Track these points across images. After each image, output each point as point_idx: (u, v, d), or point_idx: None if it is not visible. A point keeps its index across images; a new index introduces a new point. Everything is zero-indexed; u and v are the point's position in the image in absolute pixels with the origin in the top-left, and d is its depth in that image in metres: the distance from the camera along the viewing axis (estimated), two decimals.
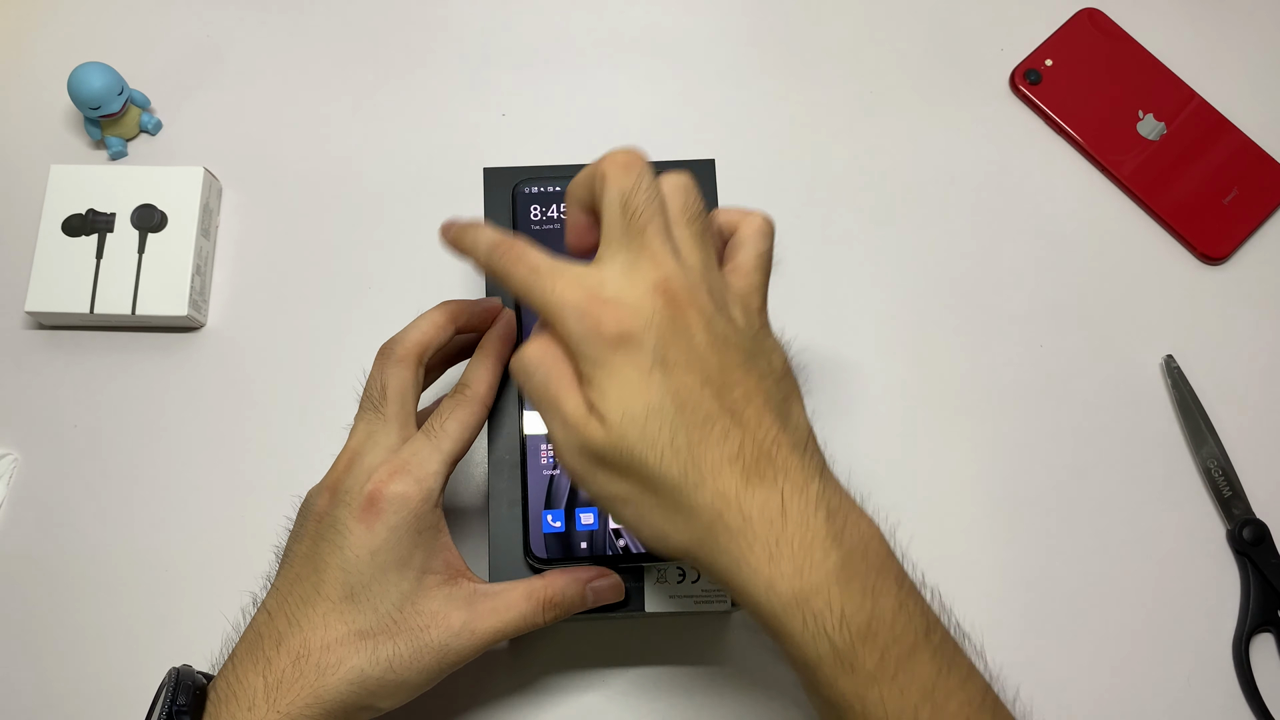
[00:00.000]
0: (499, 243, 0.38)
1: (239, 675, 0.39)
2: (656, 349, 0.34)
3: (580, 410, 0.35)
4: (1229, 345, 0.57)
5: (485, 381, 0.44)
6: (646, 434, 0.34)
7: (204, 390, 0.55)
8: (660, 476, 0.34)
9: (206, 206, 0.57)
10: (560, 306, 0.35)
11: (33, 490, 0.54)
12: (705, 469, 0.34)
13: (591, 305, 0.34)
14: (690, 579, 0.45)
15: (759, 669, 0.51)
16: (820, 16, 0.64)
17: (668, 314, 0.34)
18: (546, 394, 0.36)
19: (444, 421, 0.42)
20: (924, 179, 0.60)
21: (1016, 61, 0.63)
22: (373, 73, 0.62)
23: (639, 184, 0.36)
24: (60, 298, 0.54)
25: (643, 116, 0.61)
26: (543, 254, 0.37)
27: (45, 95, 0.61)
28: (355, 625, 0.39)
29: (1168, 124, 0.61)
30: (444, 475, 0.41)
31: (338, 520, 0.40)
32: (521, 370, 0.37)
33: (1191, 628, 0.52)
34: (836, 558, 0.33)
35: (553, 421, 0.36)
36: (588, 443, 0.35)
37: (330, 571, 0.39)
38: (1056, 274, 0.58)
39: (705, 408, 0.34)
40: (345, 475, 0.41)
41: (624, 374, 0.34)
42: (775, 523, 0.33)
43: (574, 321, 0.35)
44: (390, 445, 0.42)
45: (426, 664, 0.40)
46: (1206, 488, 0.54)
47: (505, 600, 0.41)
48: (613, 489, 0.35)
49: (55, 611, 0.52)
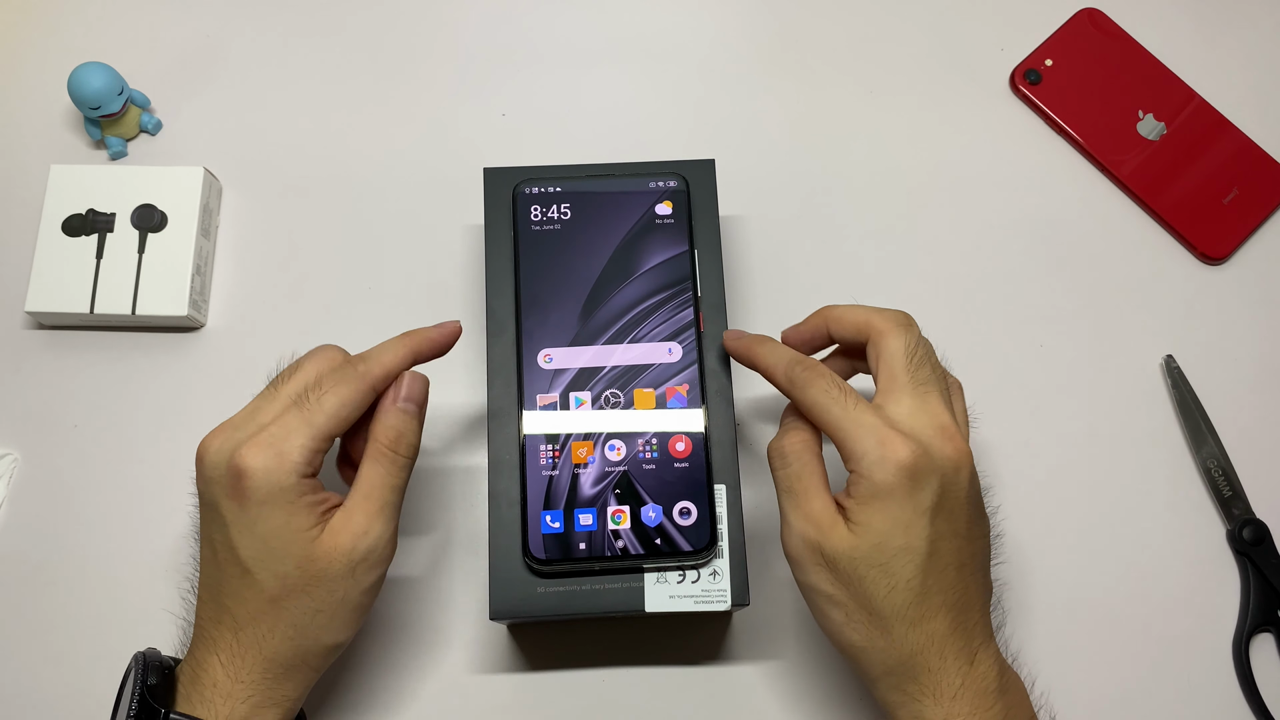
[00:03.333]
0: (802, 359, 0.43)
1: (198, 658, 0.41)
2: (939, 495, 0.38)
3: (828, 511, 0.40)
4: (1229, 345, 0.57)
5: (385, 365, 0.42)
6: (891, 565, 0.38)
7: (204, 390, 0.55)
8: (882, 603, 0.38)
9: (206, 206, 0.57)
10: (857, 424, 0.39)
11: (33, 490, 0.54)
12: (927, 610, 0.38)
13: (889, 433, 0.38)
14: (690, 579, 0.45)
15: (759, 669, 0.51)
16: (820, 17, 0.64)
17: (953, 461, 0.39)
18: (799, 484, 0.41)
19: (321, 395, 0.40)
20: (924, 179, 0.60)
21: (1016, 61, 0.63)
22: (373, 73, 0.62)
23: (920, 341, 0.42)
24: (60, 298, 0.54)
25: (643, 116, 0.61)
26: (839, 376, 0.41)
27: (45, 95, 0.61)
28: (265, 594, 0.39)
29: (1168, 124, 0.61)
30: (311, 450, 0.39)
31: (214, 499, 0.40)
32: (779, 455, 0.42)
33: (1191, 628, 0.52)
34: (1003, 706, 0.39)
35: (794, 511, 0.41)
36: (824, 544, 0.39)
37: (222, 551, 0.40)
38: (1056, 274, 0.58)
39: (947, 558, 0.39)
40: (208, 444, 0.40)
41: (900, 506, 0.38)
42: (964, 668, 0.39)
43: (871, 442, 0.38)
44: (262, 421, 0.40)
45: (347, 592, 0.40)
46: (1206, 488, 0.54)
47: (365, 482, 0.41)
48: (828, 589, 0.40)
49: (55, 611, 0.52)
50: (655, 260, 0.48)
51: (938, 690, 0.38)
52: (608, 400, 0.46)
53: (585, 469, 0.45)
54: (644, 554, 0.44)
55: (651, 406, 0.46)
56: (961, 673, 0.39)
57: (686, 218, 0.49)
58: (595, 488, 0.45)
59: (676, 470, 0.45)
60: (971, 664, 0.39)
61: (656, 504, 0.45)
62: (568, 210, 0.49)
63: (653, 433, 0.46)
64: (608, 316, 0.48)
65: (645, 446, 0.46)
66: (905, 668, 0.39)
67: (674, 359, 0.47)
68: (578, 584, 0.45)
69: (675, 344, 0.47)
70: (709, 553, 0.45)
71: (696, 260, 0.49)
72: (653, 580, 0.45)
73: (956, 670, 0.39)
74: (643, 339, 0.47)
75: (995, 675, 0.39)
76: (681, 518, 0.45)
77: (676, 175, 0.50)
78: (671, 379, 0.47)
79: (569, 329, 0.47)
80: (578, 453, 0.46)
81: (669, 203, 0.50)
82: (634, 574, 0.45)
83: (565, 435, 0.46)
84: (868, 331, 0.42)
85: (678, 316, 0.48)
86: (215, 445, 0.40)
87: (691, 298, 0.48)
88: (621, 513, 0.45)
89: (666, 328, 0.47)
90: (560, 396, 0.46)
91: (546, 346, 0.47)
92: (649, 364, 0.47)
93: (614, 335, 0.47)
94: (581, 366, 0.47)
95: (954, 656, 0.39)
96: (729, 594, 0.45)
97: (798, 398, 0.42)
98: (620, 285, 0.48)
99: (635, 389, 0.46)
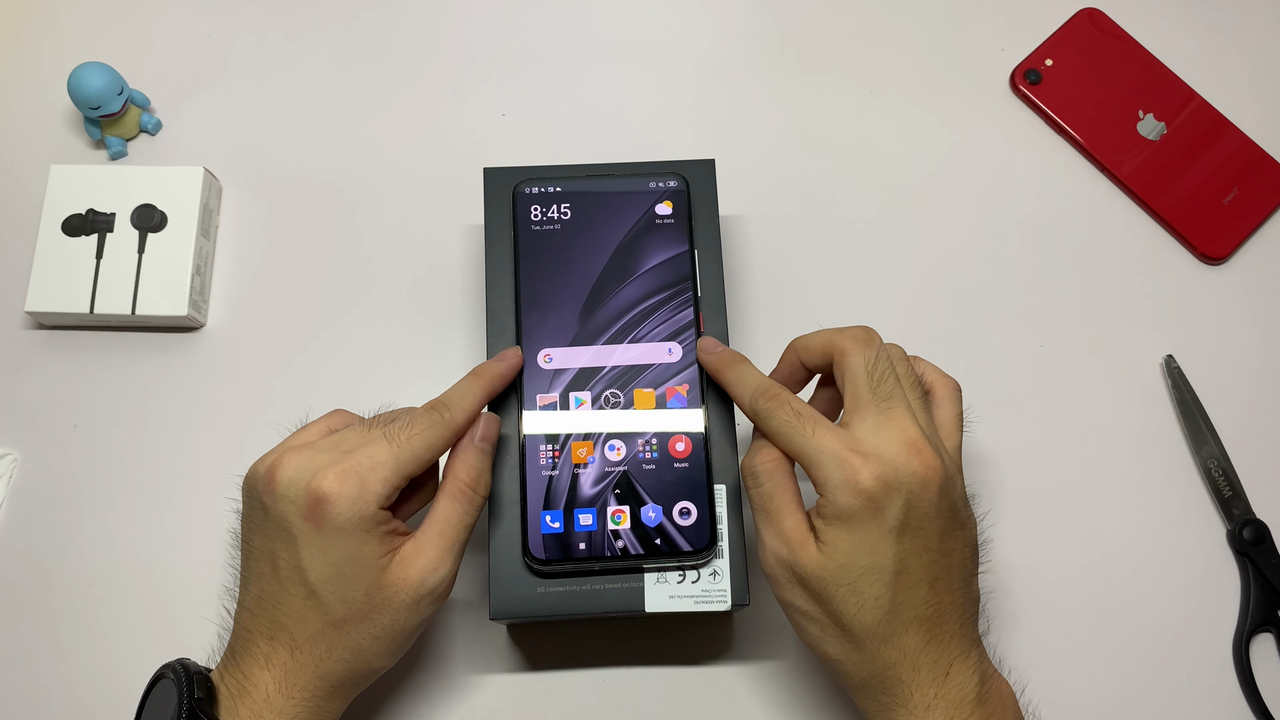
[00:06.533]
0: (766, 389, 0.42)
1: (244, 671, 0.40)
2: (904, 514, 0.38)
3: (800, 530, 0.40)
4: (1229, 345, 0.57)
5: (467, 411, 0.43)
6: (858, 584, 0.38)
7: (204, 390, 0.55)
8: (852, 619, 0.39)
9: (206, 206, 0.57)
10: (819, 451, 0.39)
11: (33, 490, 0.54)
12: (897, 625, 0.39)
13: (850, 456, 0.38)
14: (690, 579, 0.45)
15: (759, 669, 0.51)
16: (820, 17, 0.64)
17: (919, 477, 0.38)
18: (771, 504, 0.41)
19: (412, 436, 0.41)
20: (924, 179, 0.60)
21: (1016, 61, 0.63)
22: (373, 73, 0.62)
23: (879, 355, 0.41)
24: (60, 298, 0.54)
25: (643, 116, 0.61)
26: (802, 401, 0.41)
27: (45, 95, 0.61)
28: (329, 617, 0.40)
29: (1168, 124, 0.61)
30: (393, 485, 0.40)
31: (284, 518, 0.39)
32: (751, 474, 0.42)
33: (1191, 628, 0.52)
34: (981, 715, 0.39)
35: (767, 530, 0.41)
36: (796, 563, 0.40)
37: (286, 570, 0.40)
38: (1056, 274, 0.58)
39: (917, 575, 0.39)
40: (287, 462, 0.40)
41: (864, 527, 0.38)
42: (939, 680, 0.39)
43: (833, 467, 0.38)
44: (347, 449, 0.40)
45: (406, 622, 0.41)
46: (1206, 488, 0.54)
47: (441, 519, 0.42)
48: (802, 605, 0.40)
49: (55, 611, 0.52)
50: (655, 260, 0.48)
51: (910, 702, 0.39)
52: (608, 400, 0.46)
53: (585, 469, 0.45)
54: (644, 554, 0.44)
55: (651, 406, 0.46)
56: (935, 684, 0.39)
57: (686, 218, 0.49)
58: (595, 488, 0.45)
59: (676, 470, 0.45)
60: (946, 676, 0.39)
61: (656, 504, 0.45)
62: (568, 210, 0.49)
63: (653, 433, 0.46)
64: (608, 316, 0.48)
65: (645, 446, 0.46)
66: (879, 680, 0.39)
67: (674, 359, 0.47)
68: (578, 584, 0.45)
69: (675, 344, 0.47)
70: (709, 553, 0.45)
71: (696, 260, 0.49)
72: (653, 580, 0.45)
73: (930, 682, 0.39)
74: (643, 339, 0.47)
75: (974, 685, 0.39)
76: (681, 518, 0.45)
77: (676, 175, 0.50)
78: (671, 379, 0.47)
79: (569, 329, 0.47)
80: (578, 453, 0.46)
81: (669, 203, 0.50)
82: (634, 574, 0.45)
83: (565, 435, 0.46)
84: (831, 353, 0.42)
85: (678, 316, 0.48)
86: (294, 464, 0.40)
87: (691, 298, 0.48)
88: (621, 513, 0.45)
89: (666, 328, 0.47)
90: (560, 396, 0.46)
91: (546, 346, 0.47)
92: (649, 364, 0.47)
93: (614, 335, 0.47)
94: (581, 366, 0.47)
95: (927, 669, 0.39)
96: (729, 594, 0.45)
97: (762, 428, 0.42)
98: (620, 285, 0.48)
99: (635, 389, 0.46)
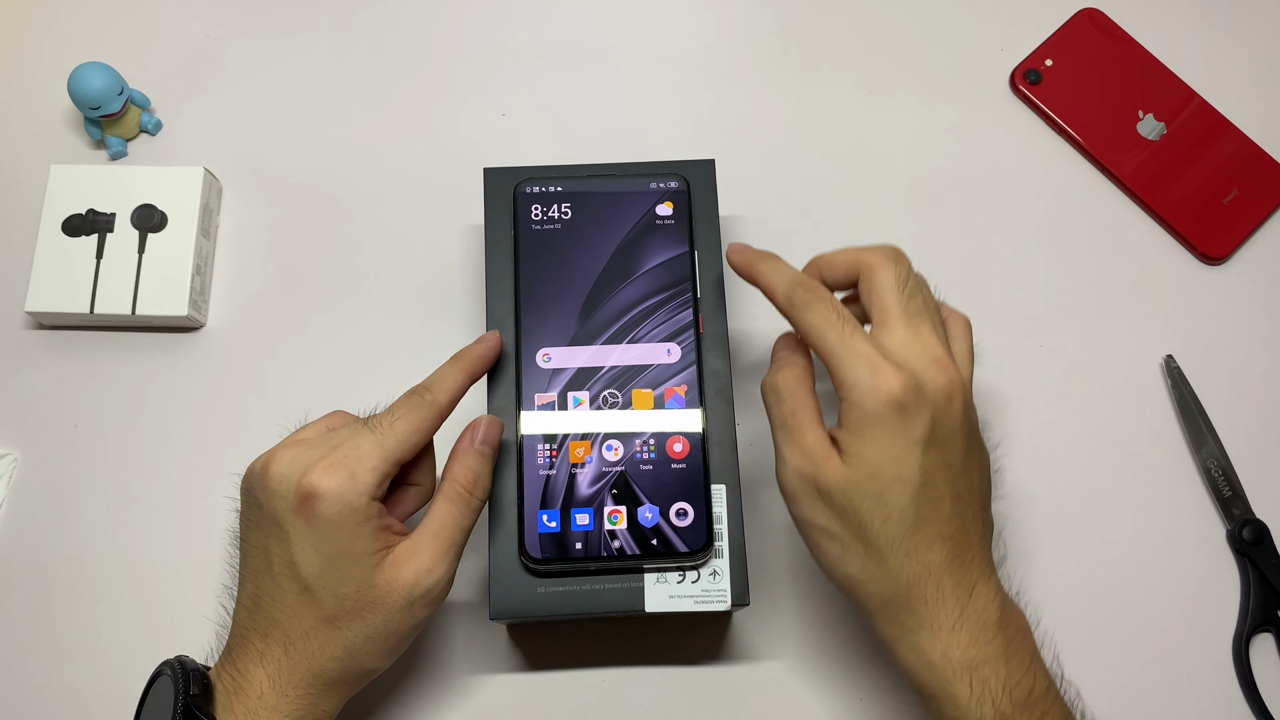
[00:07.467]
0: (804, 281, 0.41)
1: (240, 668, 0.40)
2: (930, 426, 0.38)
3: (822, 444, 0.39)
4: (1229, 345, 0.57)
5: (449, 392, 0.44)
6: (884, 495, 0.38)
7: (204, 390, 0.56)
8: (877, 534, 0.38)
9: (206, 206, 0.57)
10: (853, 353, 0.38)
11: (33, 490, 0.54)
12: (921, 540, 0.38)
13: (881, 363, 0.38)
14: (690, 579, 0.45)
15: (759, 669, 0.51)
16: (820, 17, 0.64)
17: (945, 391, 0.38)
18: (793, 419, 0.40)
19: (394, 421, 0.41)
20: (924, 179, 0.60)
21: (1016, 61, 0.62)
22: (373, 72, 0.62)
23: (911, 273, 0.41)
24: (60, 298, 0.55)
25: (643, 116, 0.61)
26: (839, 302, 0.40)
27: (45, 95, 0.61)
28: (322, 613, 0.40)
29: (1168, 124, 0.61)
30: (382, 473, 0.40)
31: (277, 513, 0.40)
32: (773, 391, 0.41)
33: (1191, 628, 0.52)
34: (1003, 639, 0.38)
35: (788, 446, 0.40)
36: (819, 477, 0.39)
37: (280, 565, 0.40)
38: (1056, 274, 0.58)
39: (941, 489, 0.38)
40: (280, 458, 0.40)
41: (891, 436, 0.38)
42: (962, 600, 0.38)
43: (864, 371, 0.38)
44: (335, 444, 0.41)
45: (400, 624, 0.41)
46: (1206, 488, 0.54)
47: (437, 521, 0.42)
48: (823, 522, 0.39)
49: (55, 611, 0.52)
50: (655, 261, 0.48)
51: (935, 622, 0.38)
52: (606, 400, 0.46)
53: (582, 469, 0.45)
54: (640, 554, 0.44)
55: (650, 407, 0.46)
56: (960, 604, 0.38)
57: (687, 218, 0.49)
58: (592, 488, 0.45)
59: (674, 471, 0.45)
60: (970, 596, 0.38)
61: (653, 504, 0.45)
62: (568, 210, 0.49)
63: (650, 433, 0.46)
64: (607, 316, 0.48)
65: (643, 447, 0.46)
66: (902, 599, 0.38)
67: (673, 360, 0.47)
68: (577, 584, 0.45)
69: (674, 344, 0.47)
70: (705, 554, 0.45)
71: (696, 261, 0.49)
72: (653, 580, 0.45)
73: (955, 602, 0.38)
74: (642, 339, 0.47)
75: (996, 608, 0.38)
76: (678, 518, 0.45)
77: (677, 175, 0.50)
78: (670, 379, 0.47)
79: (568, 329, 0.47)
80: (575, 452, 0.46)
81: (669, 203, 0.49)
82: (634, 574, 0.45)
83: (563, 435, 0.46)
84: (859, 268, 0.41)
85: (677, 317, 0.48)
86: (286, 459, 0.40)
87: (691, 298, 0.48)
88: (618, 513, 0.45)
89: (666, 328, 0.47)
90: (558, 396, 0.46)
91: (545, 346, 0.47)
92: (648, 364, 0.47)
93: (613, 335, 0.47)
94: (580, 366, 0.47)
95: (951, 588, 0.38)
96: (729, 594, 0.45)
97: (796, 319, 0.41)
98: (620, 285, 0.48)
99: (633, 389, 0.46)
